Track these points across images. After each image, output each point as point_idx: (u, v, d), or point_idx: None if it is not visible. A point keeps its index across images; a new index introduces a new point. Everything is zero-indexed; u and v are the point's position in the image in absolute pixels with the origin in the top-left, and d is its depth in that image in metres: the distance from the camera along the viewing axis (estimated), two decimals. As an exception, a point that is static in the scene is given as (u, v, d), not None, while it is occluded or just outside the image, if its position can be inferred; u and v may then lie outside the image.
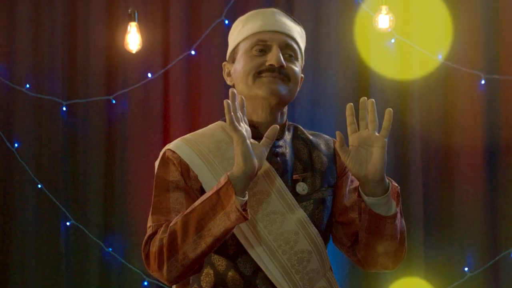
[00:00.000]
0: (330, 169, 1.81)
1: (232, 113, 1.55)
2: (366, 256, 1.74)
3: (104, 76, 3.83)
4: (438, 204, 3.62)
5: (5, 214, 3.77)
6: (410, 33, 3.63)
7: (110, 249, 3.79)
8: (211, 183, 1.67)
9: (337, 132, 1.62)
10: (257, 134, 1.74)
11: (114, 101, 3.82)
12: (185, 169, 1.70)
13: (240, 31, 1.81)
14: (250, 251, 1.67)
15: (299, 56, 1.81)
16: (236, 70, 1.78)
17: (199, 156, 1.71)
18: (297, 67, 1.77)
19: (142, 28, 3.69)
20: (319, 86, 3.68)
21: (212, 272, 1.72)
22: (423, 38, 3.62)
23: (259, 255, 1.67)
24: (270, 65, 1.71)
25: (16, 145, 3.77)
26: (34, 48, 3.80)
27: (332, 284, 1.75)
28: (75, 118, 3.82)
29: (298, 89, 1.81)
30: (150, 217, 1.70)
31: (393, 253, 1.71)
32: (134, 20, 3.63)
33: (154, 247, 1.61)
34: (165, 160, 1.73)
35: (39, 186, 3.77)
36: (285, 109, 1.82)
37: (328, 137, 1.90)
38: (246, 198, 1.57)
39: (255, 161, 1.56)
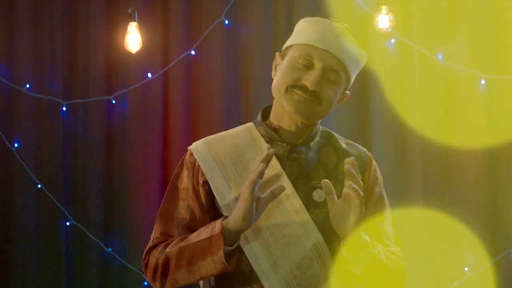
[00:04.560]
0: None
1: (256, 175, 1.55)
2: None
3: (104, 76, 3.83)
4: (438, 204, 3.61)
5: (5, 214, 3.77)
6: (410, 33, 3.62)
7: (110, 249, 3.79)
8: (221, 186, 1.71)
9: (324, 181, 1.62)
10: (274, 137, 1.77)
11: (114, 101, 3.82)
12: (196, 174, 1.75)
13: (300, 33, 1.77)
14: (245, 249, 1.68)
15: (343, 82, 1.75)
16: (279, 73, 1.76)
17: (214, 158, 1.75)
18: (334, 92, 1.72)
19: (142, 28, 3.69)
20: (319, 86, 3.68)
21: None
22: (423, 38, 3.61)
23: (256, 255, 1.68)
24: (306, 85, 1.69)
25: (16, 145, 3.77)
26: (34, 48, 3.80)
27: None
28: (75, 118, 3.82)
29: (338, 105, 1.79)
30: (155, 224, 1.78)
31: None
32: (134, 20, 3.63)
33: (152, 262, 1.73)
34: (182, 163, 1.80)
35: (39, 186, 3.77)
36: (316, 122, 1.80)
37: (363, 149, 1.86)
38: (236, 245, 1.61)
39: (253, 221, 1.58)
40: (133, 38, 3.63)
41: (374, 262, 1.65)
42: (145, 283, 3.76)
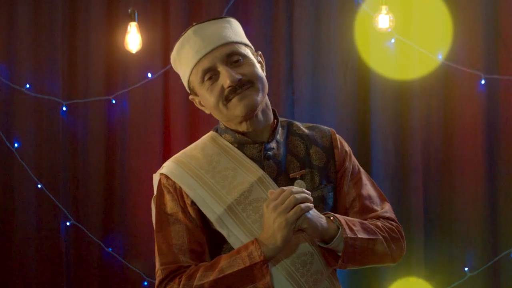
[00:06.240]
0: (329, 164, 1.80)
1: (309, 207, 1.61)
2: None
3: (104, 76, 3.83)
4: (438, 204, 3.62)
5: (5, 214, 3.77)
6: (410, 33, 3.63)
7: (110, 249, 3.79)
8: (208, 201, 1.69)
9: (270, 192, 1.65)
10: (245, 140, 1.77)
11: (114, 101, 3.82)
12: (180, 195, 1.73)
13: (182, 65, 1.79)
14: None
15: (245, 49, 1.76)
16: (206, 104, 1.77)
17: (191, 175, 1.73)
18: (251, 65, 1.74)
19: (142, 28, 3.69)
20: (319, 86, 3.69)
21: None
22: (423, 38, 3.62)
23: None
24: (229, 86, 1.69)
25: (16, 145, 3.77)
26: (34, 48, 3.80)
27: (335, 284, 1.75)
28: (75, 118, 3.82)
29: (264, 68, 1.80)
30: (157, 258, 1.72)
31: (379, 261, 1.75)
32: (134, 20, 3.63)
33: None
34: (161, 188, 1.77)
35: (39, 186, 3.77)
36: (266, 103, 1.79)
37: (325, 128, 1.88)
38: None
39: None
40: (133, 38, 3.63)
41: (354, 243, 1.66)
42: (145, 283, 3.76)
